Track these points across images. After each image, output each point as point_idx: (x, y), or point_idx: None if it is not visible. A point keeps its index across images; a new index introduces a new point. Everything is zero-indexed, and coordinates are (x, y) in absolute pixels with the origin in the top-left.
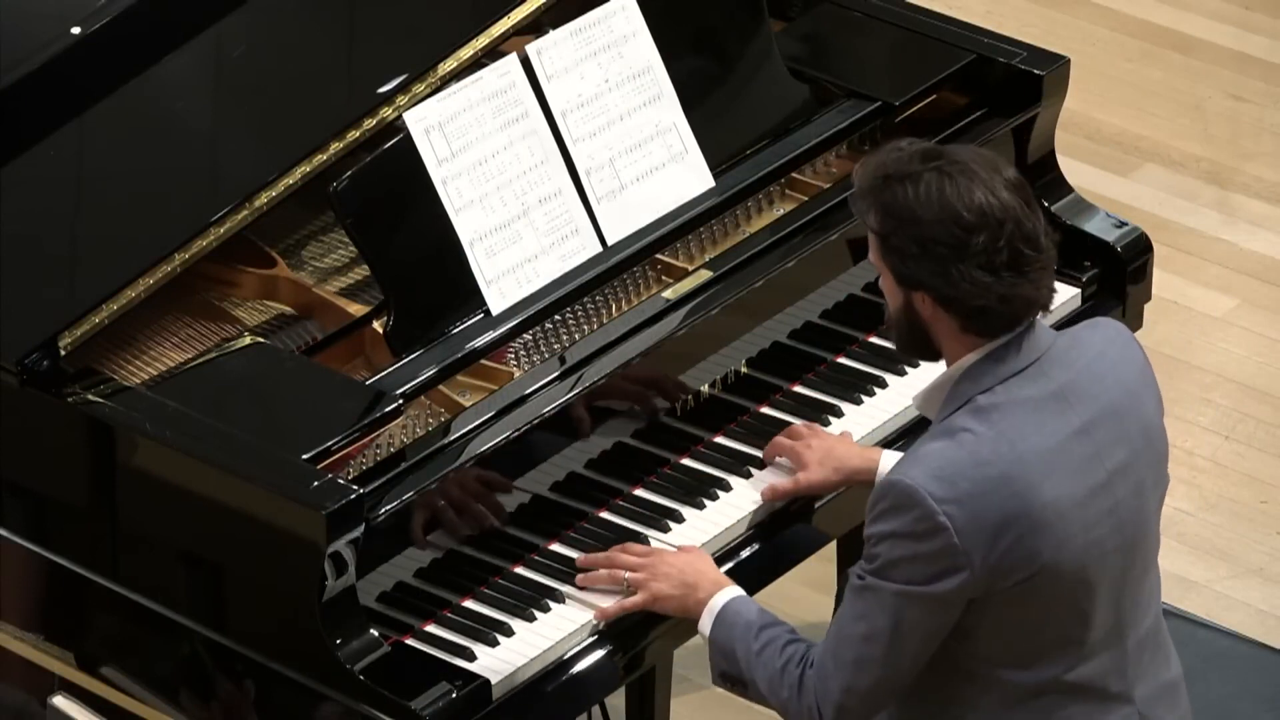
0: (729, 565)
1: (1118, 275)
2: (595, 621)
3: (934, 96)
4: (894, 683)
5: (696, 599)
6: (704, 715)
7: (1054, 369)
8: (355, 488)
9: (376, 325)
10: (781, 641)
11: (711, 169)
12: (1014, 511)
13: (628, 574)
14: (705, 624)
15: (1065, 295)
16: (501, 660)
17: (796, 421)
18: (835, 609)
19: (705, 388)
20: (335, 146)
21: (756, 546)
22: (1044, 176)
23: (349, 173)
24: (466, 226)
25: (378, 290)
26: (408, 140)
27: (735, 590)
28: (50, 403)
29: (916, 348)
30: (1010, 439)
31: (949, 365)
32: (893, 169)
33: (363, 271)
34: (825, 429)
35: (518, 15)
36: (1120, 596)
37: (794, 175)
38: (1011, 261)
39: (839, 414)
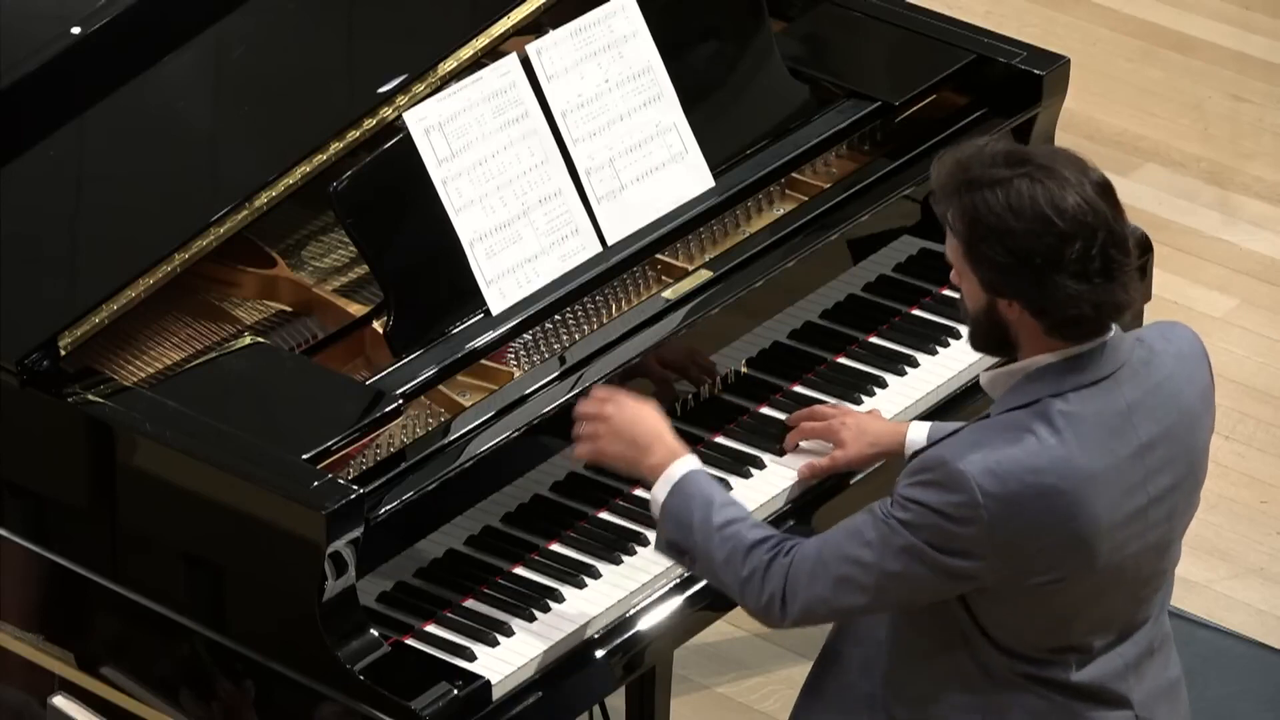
0: None
1: None
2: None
3: (934, 96)
4: (869, 612)
5: (650, 464)
6: (704, 715)
7: (1128, 385)
8: (355, 488)
9: (376, 325)
10: (750, 522)
11: (711, 169)
12: (1052, 524)
13: (581, 427)
14: (660, 490)
15: None
16: (501, 660)
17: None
18: None
19: (705, 387)
20: (335, 146)
21: None
22: None
23: (349, 173)
24: (466, 226)
25: (378, 290)
26: (408, 140)
27: (694, 461)
28: (50, 403)
29: (994, 346)
30: (1072, 453)
31: (1024, 356)
32: (978, 173)
33: (363, 271)
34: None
35: (518, 15)
36: (1131, 609)
37: (794, 175)
38: (1104, 268)
39: None
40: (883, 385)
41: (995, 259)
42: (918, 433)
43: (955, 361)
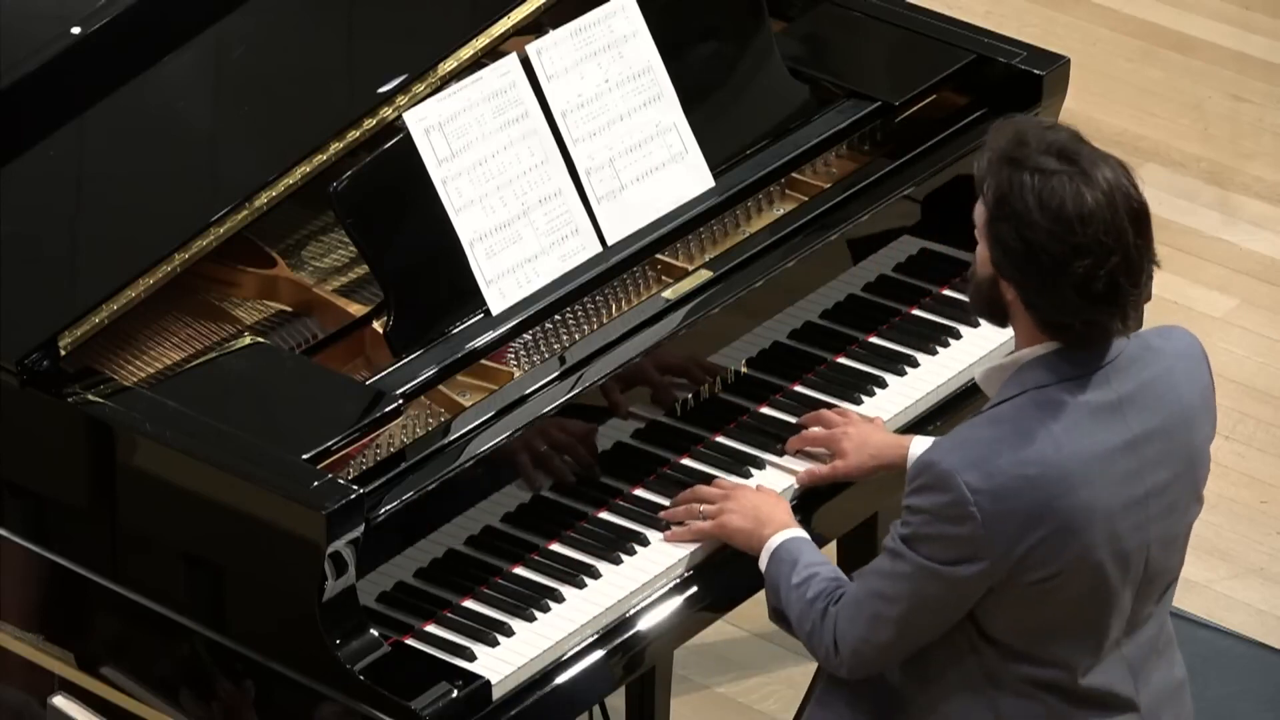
0: (728, 566)
1: None
2: (667, 544)
3: (934, 96)
4: (908, 643)
5: (761, 535)
6: (704, 715)
7: (1118, 378)
8: (355, 488)
9: (376, 325)
10: (819, 578)
11: (711, 169)
12: (1043, 512)
13: (704, 506)
14: (763, 561)
15: None
16: (501, 660)
17: (793, 421)
18: None
19: (705, 388)
20: (335, 146)
21: None
22: None
23: (349, 173)
24: (466, 226)
25: (378, 290)
26: (408, 140)
27: (798, 532)
28: (50, 403)
29: (989, 313)
30: (1057, 440)
31: (1018, 346)
32: (1027, 154)
33: (363, 271)
34: (856, 408)
35: (518, 15)
36: (1137, 609)
37: (794, 175)
38: (1107, 292)
39: None
40: (883, 385)
41: (1008, 242)
42: (920, 447)
43: (955, 361)
